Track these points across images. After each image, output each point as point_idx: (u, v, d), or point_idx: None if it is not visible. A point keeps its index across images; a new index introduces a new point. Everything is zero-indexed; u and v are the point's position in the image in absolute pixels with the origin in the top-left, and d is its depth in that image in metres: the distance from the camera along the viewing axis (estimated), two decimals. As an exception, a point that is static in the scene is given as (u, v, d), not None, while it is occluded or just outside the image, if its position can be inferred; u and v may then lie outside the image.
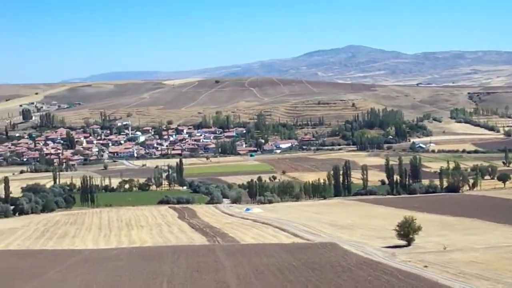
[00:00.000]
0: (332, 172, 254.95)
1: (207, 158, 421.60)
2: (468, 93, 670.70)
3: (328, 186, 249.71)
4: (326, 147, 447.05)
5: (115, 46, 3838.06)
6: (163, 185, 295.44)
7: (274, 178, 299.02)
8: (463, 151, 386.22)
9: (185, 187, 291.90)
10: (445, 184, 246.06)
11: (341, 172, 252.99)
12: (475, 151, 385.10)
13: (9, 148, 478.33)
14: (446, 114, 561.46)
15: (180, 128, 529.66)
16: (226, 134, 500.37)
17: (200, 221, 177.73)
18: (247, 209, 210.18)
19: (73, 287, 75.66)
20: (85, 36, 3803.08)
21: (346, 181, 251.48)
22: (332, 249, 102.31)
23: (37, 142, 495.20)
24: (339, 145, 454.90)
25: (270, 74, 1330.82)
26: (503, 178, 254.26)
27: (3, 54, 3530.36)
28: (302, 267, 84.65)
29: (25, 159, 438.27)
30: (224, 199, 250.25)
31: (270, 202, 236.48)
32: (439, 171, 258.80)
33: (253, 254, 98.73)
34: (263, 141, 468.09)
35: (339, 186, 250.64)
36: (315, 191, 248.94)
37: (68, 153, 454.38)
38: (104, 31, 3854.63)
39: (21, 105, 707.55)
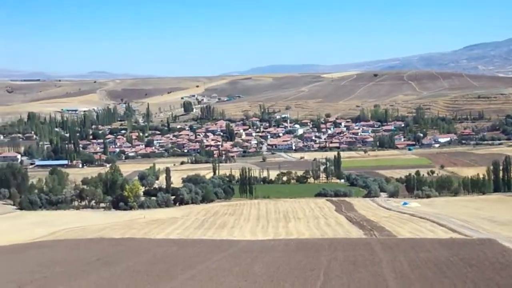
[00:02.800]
0: (491, 167, 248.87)
1: (365, 151, 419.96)
2: None
3: (487, 182, 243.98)
4: (485, 142, 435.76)
5: (275, 40, 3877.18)
6: (320, 178, 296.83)
7: (432, 172, 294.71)
8: None
9: (342, 180, 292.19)
10: None
11: (501, 168, 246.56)
12: None
13: (171, 139, 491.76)
14: None
15: (338, 121, 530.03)
16: (384, 127, 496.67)
17: (357, 214, 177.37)
18: (405, 203, 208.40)
19: (231, 277, 77.14)
20: (246, 30, 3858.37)
21: (506, 176, 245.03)
22: (491, 245, 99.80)
23: (197, 133, 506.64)
24: (499, 139, 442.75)
25: (429, 67, 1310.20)
26: None
27: (165, 49, 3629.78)
28: (459, 263, 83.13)
29: (185, 151, 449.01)
30: (381, 193, 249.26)
31: (428, 196, 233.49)
32: None
33: (410, 248, 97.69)
34: (421, 135, 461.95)
35: (499, 181, 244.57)
36: (474, 187, 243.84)
37: (227, 145, 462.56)
38: (263, 25, 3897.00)
39: (182, 98, 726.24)
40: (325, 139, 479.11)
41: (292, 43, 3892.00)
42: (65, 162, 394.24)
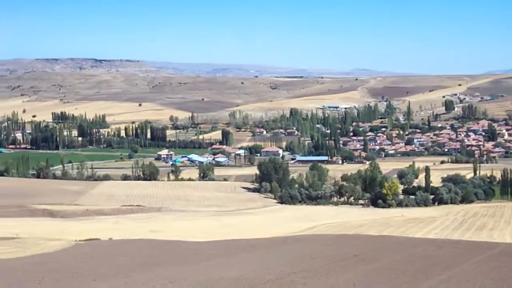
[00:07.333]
0: None
1: None
2: None
3: None
4: None
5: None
6: None
7: None
8: None
9: None
10: None
11: None
12: None
13: (431, 138, 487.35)
14: None
15: None
16: None
17: None
18: None
19: (489, 280, 75.42)
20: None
21: None
22: None
23: (458, 133, 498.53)
24: None
25: None
26: None
27: (428, 46, 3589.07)
28: None
29: (446, 150, 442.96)
30: None
31: None
32: None
33: None
34: None
35: None
36: None
37: (489, 145, 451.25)
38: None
39: (444, 96, 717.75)
40: None
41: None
42: (325, 158, 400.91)
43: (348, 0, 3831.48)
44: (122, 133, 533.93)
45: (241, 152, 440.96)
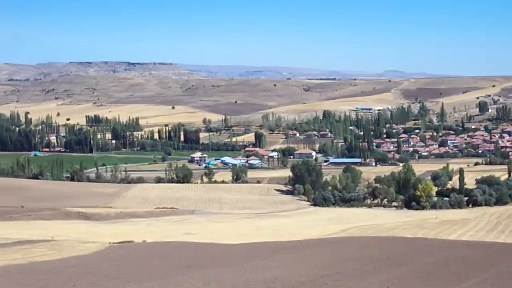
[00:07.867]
0: None
1: None
2: None
3: None
4: None
5: None
6: None
7: None
8: None
9: None
10: None
11: None
12: None
13: (465, 139, 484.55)
14: None
15: None
16: None
17: None
18: None
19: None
20: None
21: None
22: None
23: (492, 134, 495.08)
24: None
25: None
26: None
27: (462, 47, 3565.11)
28: None
29: (480, 151, 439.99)
30: None
31: None
32: None
33: None
34: None
35: None
36: None
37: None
38: None
39: (477, 98, 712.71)
40: None
41: None
42: (359, 160, 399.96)
43: (381, 1, 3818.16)
44: (156, 136, 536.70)
45: (274, 154, 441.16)
